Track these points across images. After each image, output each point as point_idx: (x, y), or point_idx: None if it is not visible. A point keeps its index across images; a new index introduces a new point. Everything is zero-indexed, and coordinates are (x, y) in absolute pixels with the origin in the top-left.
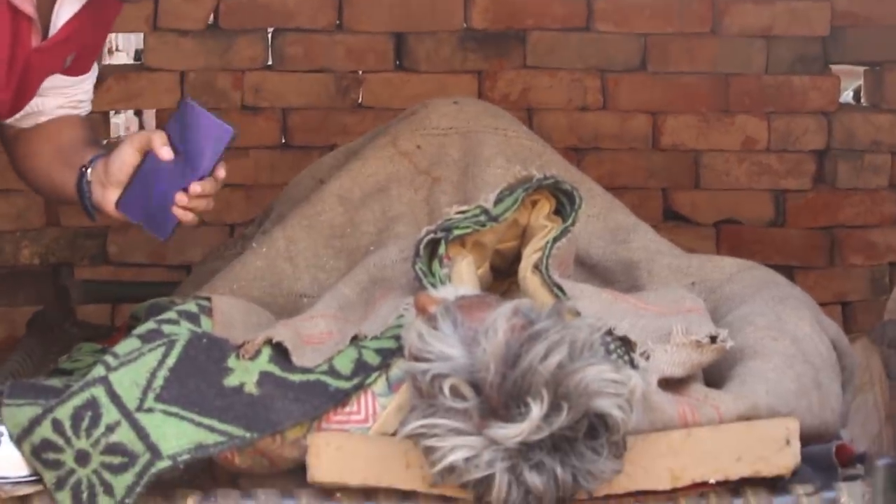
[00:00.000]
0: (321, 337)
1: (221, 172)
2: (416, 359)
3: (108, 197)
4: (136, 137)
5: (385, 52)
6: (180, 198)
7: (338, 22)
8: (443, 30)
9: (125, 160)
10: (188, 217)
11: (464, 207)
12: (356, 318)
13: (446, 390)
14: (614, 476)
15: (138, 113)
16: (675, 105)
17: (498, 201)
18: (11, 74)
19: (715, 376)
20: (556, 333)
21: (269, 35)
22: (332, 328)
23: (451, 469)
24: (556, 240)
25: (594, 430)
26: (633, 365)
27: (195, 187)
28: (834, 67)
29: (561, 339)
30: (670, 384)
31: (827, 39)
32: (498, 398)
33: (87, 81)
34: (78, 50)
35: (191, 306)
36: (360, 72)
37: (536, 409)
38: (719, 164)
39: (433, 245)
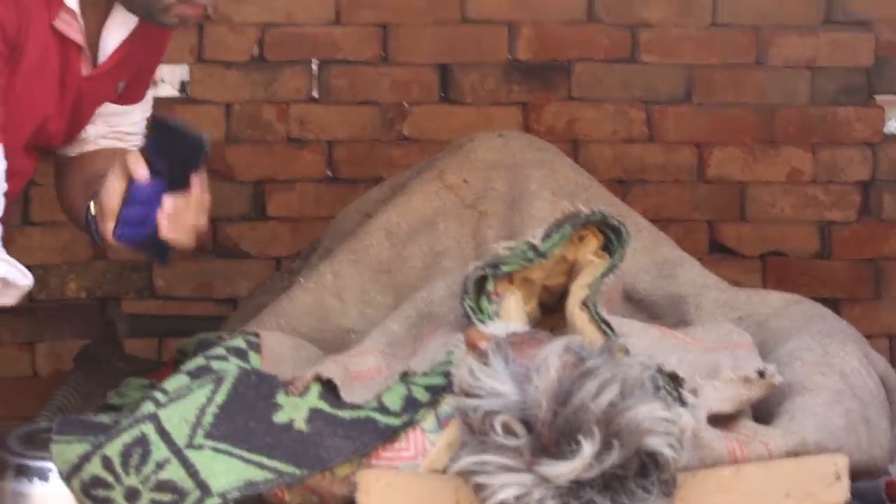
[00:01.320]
0: (370, 373)
1: (195, 187)
2: (467, 395)
3: (107, 228)
4: (118, 162)
5: (430, 84)
6: (160, 218)
7: (383, 54)
8: (488, 61)
9: (112, 187)
10: (180, 241)
11: (511, 243)
12: (405, 354)
13: (498, 427)
14: None
15: None
16: (721, 136)
17: (545, 237)
18: (63, 104)
19: (763, 412)
20: (608, 371)
21: (315, 67)
22: (381, 364)
23: None
24: (603, 276)
25: (645, 469)
26: (681, 401)
27: (167, 202)
28: (878, 98)
29: (613, 377)
30: (719, 420)
31: (871, 70)
32: (549, 435)
33: (137, 113)
34: (129, 76)
35: (239, 342)
36: (406, 104)
37: (588, 447)
38: (765, 195)
39: (481, 281)
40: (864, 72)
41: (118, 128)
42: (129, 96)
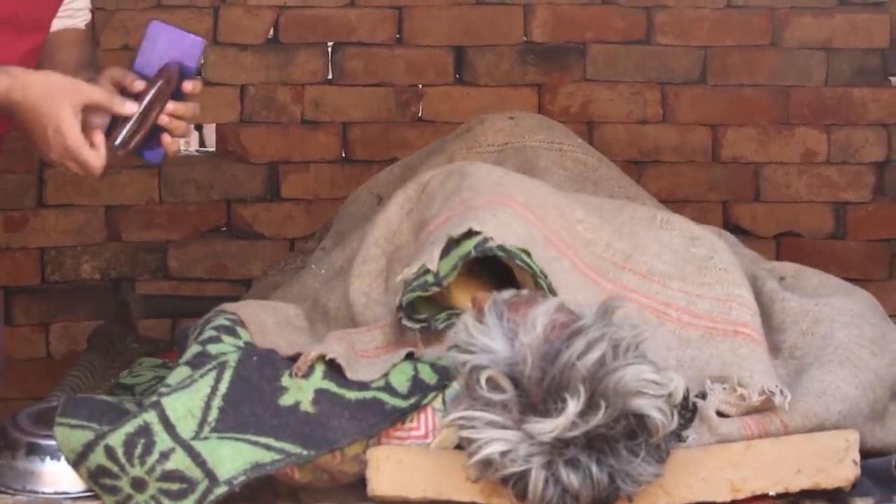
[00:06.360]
0: (376, 351)
1: (188, 86)
2: (461, 351)
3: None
4: (108, 75)
5: (445, 66)
6: (165, 123)
7: (397, 36)
8: (503, 43)
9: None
10: (173, 148)
11: (413, 269)
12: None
13: (483, 382)
14: (654, 480)
15: (199, 127)
16: (735, 117)
17: (444, 254)
18: None
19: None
20: (597, 331)
21: (329, 49)
22: (389, 340)
23: (488, 462)
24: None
25: (633, 432)
26: (693, 408)
27: (169, 107)
28: (893, 79)
29: (601, 337)
30: None
31: (887, 52)
32: (537, 393)
33: None
34: None
35: (222, 320)
36: (420, 85)
37: (573, 405)
38: (779, 176)
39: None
40: (880, 53)
41: (69, 5)
42: None
